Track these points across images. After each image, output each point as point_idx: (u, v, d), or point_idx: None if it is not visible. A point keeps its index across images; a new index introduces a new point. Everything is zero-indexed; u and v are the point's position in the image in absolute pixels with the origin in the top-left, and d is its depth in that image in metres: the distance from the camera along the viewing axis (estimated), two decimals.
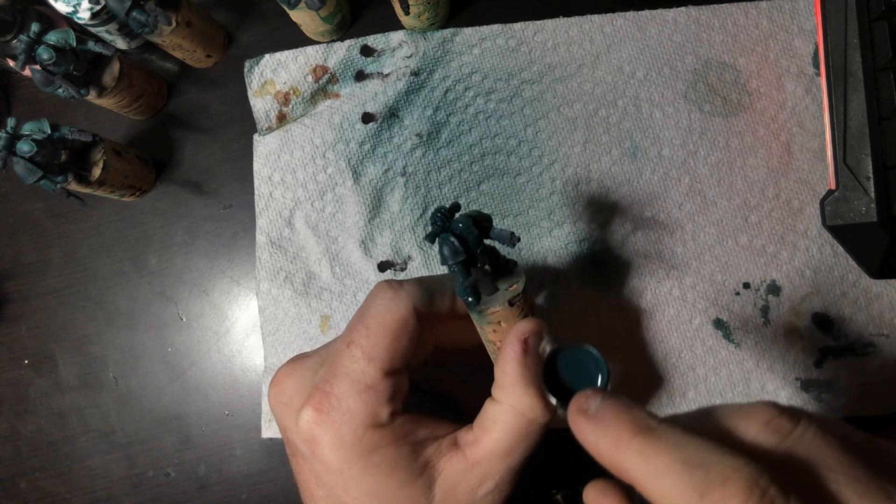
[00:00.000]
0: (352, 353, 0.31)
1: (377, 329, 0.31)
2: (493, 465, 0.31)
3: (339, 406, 0.31)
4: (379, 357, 0.31)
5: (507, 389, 0.31)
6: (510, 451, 0.31)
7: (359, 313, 0.33)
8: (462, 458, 0.32)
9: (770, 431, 0.23)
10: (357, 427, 0.30)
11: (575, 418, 0.26)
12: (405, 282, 0.33)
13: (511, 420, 0.31)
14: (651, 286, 0.46)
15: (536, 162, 0.48)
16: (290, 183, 0.49)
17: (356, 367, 0.31)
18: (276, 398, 0.33)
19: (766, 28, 0.47)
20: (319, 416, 0.30)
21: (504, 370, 0.32)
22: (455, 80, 0.49)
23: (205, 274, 0.51)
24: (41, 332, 0.52)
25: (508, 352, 0.32)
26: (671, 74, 0.48)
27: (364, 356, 0.31)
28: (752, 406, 0.24)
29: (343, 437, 0.30)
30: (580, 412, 0.26)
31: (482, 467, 0.31)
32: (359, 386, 0.31)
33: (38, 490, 0.51)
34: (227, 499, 0.49)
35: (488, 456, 0.31)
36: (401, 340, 0.32)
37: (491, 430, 0.31)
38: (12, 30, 0.48)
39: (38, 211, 0.54)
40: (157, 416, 0.50)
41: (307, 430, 0.31)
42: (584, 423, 0.25)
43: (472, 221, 0.32)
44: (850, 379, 0.44)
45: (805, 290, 0.45)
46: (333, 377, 0.31)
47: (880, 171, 0.41)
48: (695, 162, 0.47)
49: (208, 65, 0.53)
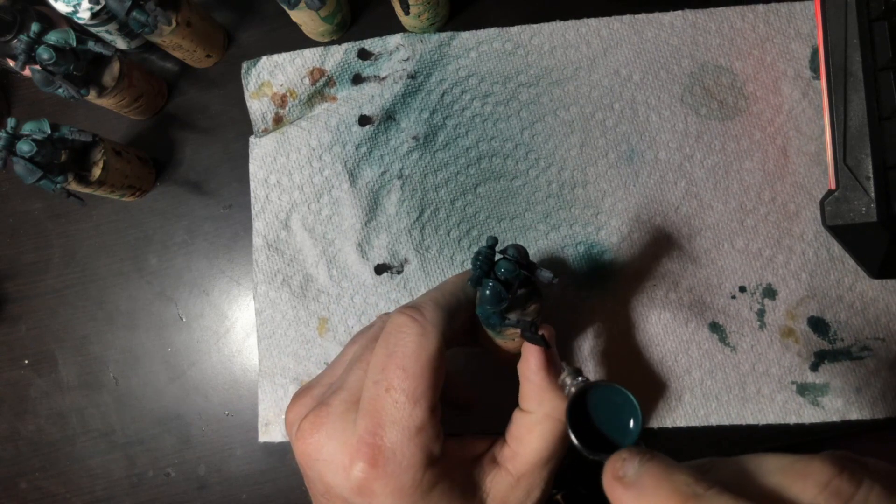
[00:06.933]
0: (395, 398, 0.30)
1: (415, 369, 0.30)
2: (537, 474, 0.32)
3: (395, 457, 0.30)
4: (423, 397, 0.30)
5: (539, 398, 0.32)
6: (551, 458, 0.32)
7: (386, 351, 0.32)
8: (507, 475, 0.32)
9: (829, 495, 0.21)
10: (416, 472, 0.30)
11: (612, 485, 0.24)
12: (426, 309, 0.32)
13: (548, 428, 0.32)
14: (647, 289, 0.46)
15: (533, 165, 0.48)
16: (286, 185, 0.49)
17: (403, 413, 0.30)
18: (311, 454, 0.32)
19: (762, 32, 0.47)
20: (375, 470, 0.30)
21: (531, 380, 0.32)
22: (452, 84, 0.49)
23: (205, 274, 0.52)
24: (41, 332, 0.52)
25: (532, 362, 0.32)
26: (668, 78, 0.48)
27: (408, 400, 0.30)
28: (808, 463, 0.22)
29: (404, 485, 0.30)
30: (617, 479, 0.24)
31: (527, 479, 0.32)
32: (410, 432, 0.30)
33: (38, 490, 0.51)
34: (227, 499, 0.49)
35: (531, 468, 0.32)
36: (438, 375, 0.31)
37: (528, 442, 0.32)
38: (12, 30, 0.48)
39: (38, 211, 0.54)
40: (157, 416, 0.51)
41: (364, 485, 0.30)
42: (623, 491, 0.24)
43: (517, 265, 0.31)
44: (846, 383, 0.44)
45: (801, 293, 0.45)
46: (380, 427, 0.30)
47: (880, 171, 0.40)
48: (691, 165, 0.47)
49: (208, 65, 0.54)
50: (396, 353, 0.31)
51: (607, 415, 0.28)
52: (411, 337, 0.31)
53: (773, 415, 0.44)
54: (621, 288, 0.46)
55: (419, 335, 0.31)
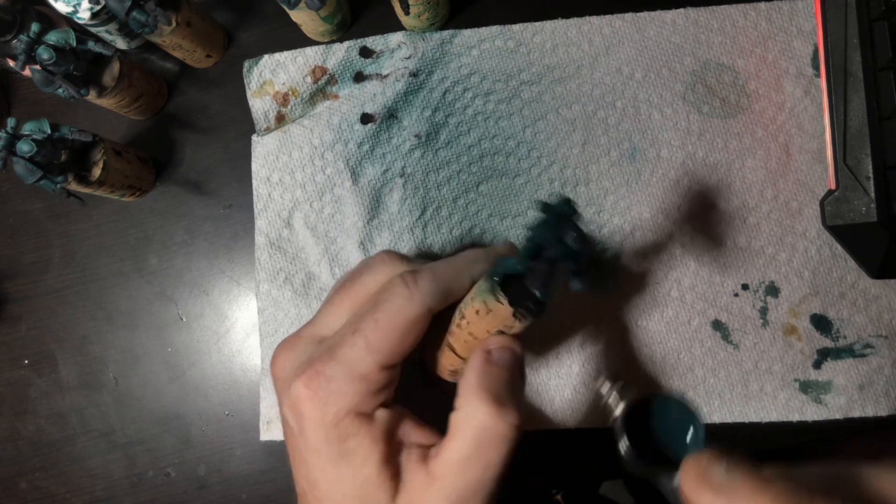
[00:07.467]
0: (354, 340, 0.31)
1: (386, 325, 0.31)
2: (450, 479, 0.30)
3: (328, 386, 0.31)
4: (380, 351, 0.31)
5: (465, 397, 0.31)
6: (467, 463, 0.30)
7: (370, 301, 0.33)
8: (424, 473, 0.31)
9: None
10: (339, 410, 0.31)
11: (697, 488, 0.23)
12: (421, 277, 0.33)
13: (467, 428, 0.30)
14: (649, 287, 0.46)
15: (535, 163, 0.48)
16: (288, 184, 0.49)
17: (355, 355, 0.31)
18: (274, 374, 0.34)
19: (764, 29, 0.47)
20: (308, 391, 0.31)
21: (465, 378, 0.31)
22: (454, 82, 0.49)
23: (205, 274, 0.51)
24: (41, 332, 0.52)
25: (472, 361, 0.32)
26: (670, 76, 0.48)
27: (366, 346, 0.31)
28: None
29: (326, 417, 0.31)
30: (704, 480, 0.23)
31: (440, 484, 0.30)
32: (352, 373, 0.31)
33: (38, 490, 0.51)
34: (227, 499, 0.49)
35: (446, 469, 0.30)
36: (407, 340, 0.32)
37: (448, 440, 0.31)
38: (12, 30, 0.48)
39: (38, 211, 0.54)
40: (157, 416, 0.50)
41: (296, 403, 0.31)
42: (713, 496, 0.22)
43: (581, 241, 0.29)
44: (849, 380, 0.44)
45: (804, 291, 0.45)
46: (330, 359, 0.31)
47: (880, 171, 0.41)
48: (693, 163, 0.47)
49: (208, 65, 0.53)
50: (377, 306, 0.32)
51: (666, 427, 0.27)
52: (397, 299, 0.32)
53: (775, 413, 0.44)
54: (623, 286, 0.46)
55: (405, 299, 0.32)
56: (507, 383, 0.31)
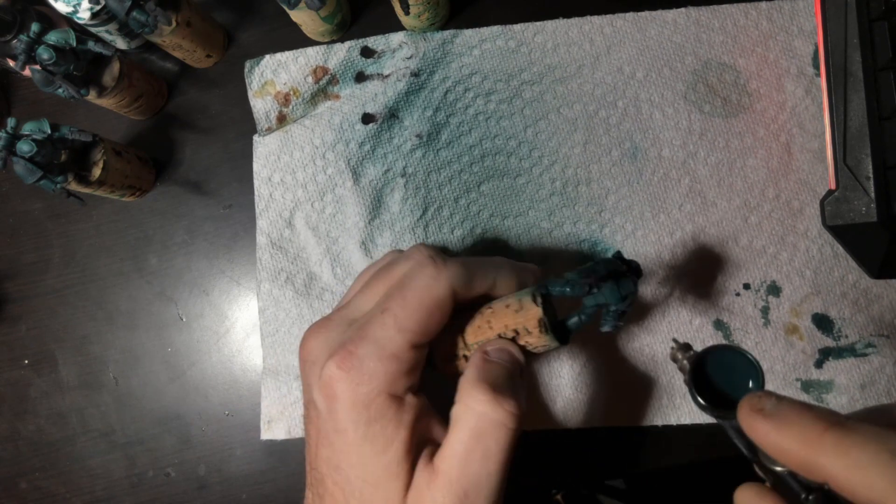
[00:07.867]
0: (384, 320, 0.32)
1: (414, 302, 0.32)
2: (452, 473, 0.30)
3: (360, 367, 0.31)
4: (410, 329, 0.32)
5: (464, 390, 0.32)
6: (467, 455, 0.30)
7: (398, 281, 0.34)
8: (429, 470, 0.31)
9: None
10: (371, 390, 0.31)
11: (751, 417, 0.25)
12: (450, 261, 0.34)
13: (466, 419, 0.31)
14: (651, 287, 0.46)
15: (536, 163, 0.48)
16: (289, 184, 0.49)
17: (386, 333, 0.32)
18: (304, 357, 0.34)
19: (765, 29, 0.47)
20: (341, 372, 0.31)
21: (465, 376, 0.32)
22: (455, 82, 0.49)
23: (205, 274, 0.51)
24: (41, 332, 0.52)
25: (472, 361, 0.33)
26: (671, 75, 0.48)
27: (395, 325, 0.32)
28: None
29: (358, 397, 0.31)
30: (756, 411, 0.25)
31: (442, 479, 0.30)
32: (384, 352, 0.31)
33: (38, 490, 0.51)
34: (227, 499, 0.49)
35: (447, 464, 0.30)
36: (434, 318, 0.33)
37: (449, 434, 0.31)
38: (12, 30, 0.48)
39: (38, 211, 0.54)
40: (157, 416, 0.50)
41: (328, 384, 0.32)
42: (763, 422, 0.25)
43: None
44: (851, 380, 0.44)
45: (805, 290, 0.45)
46: (361, 339, 0.32)
47: (880, 171, 0.41)
48: (695, 163, 0.47)
49: (208, 65, 0.53)
50: (405, 285, 0.33)
51: (729, 377, 0.30)
52: (424, 277, 0.33)
53: None
54: None
55: (432, 277, 0.33)
56: (505, 376, 0.32)
